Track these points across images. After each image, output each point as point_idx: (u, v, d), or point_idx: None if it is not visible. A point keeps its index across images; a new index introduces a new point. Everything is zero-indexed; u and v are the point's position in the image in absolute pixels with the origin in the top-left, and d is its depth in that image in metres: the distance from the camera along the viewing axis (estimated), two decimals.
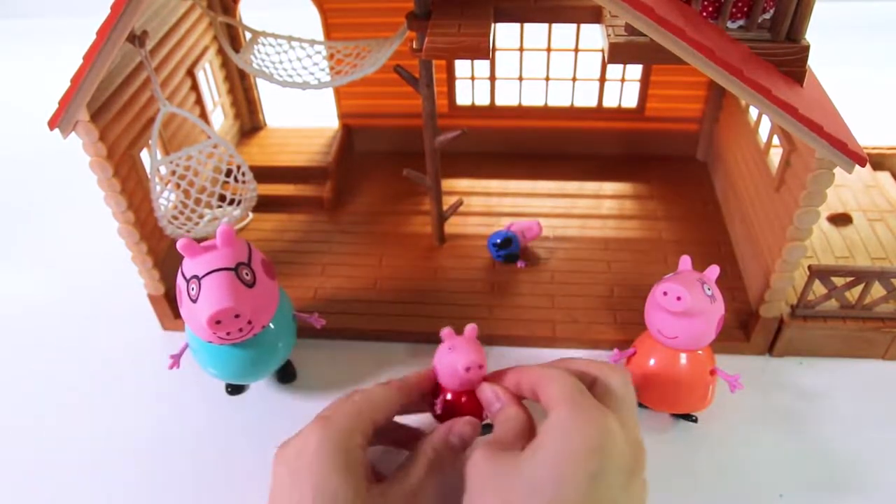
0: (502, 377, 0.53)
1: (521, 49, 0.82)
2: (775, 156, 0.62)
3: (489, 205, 0.83)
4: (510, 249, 0.74)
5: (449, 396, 0.54)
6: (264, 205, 0.80)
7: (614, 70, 0.80)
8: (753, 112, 0.73)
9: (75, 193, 0.87)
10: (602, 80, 0.83)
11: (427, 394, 0.55)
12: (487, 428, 0.52)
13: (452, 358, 0.52)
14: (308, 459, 0.46)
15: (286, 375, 0.65)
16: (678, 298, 0.51)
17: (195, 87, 0.77)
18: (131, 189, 0.63)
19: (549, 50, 0.82)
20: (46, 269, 0.81)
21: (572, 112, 0.87)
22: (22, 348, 0.71)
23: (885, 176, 0.80)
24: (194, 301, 0.52)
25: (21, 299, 0.77)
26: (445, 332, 0.54)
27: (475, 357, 0.51)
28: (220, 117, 0.86)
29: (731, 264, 0.73)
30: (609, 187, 0.85)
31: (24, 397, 0.66)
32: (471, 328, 0.54)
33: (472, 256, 0.76)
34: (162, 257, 0.68)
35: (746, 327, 0.66)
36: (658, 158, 0.88)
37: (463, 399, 0.53)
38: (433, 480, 0.48)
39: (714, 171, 0.85)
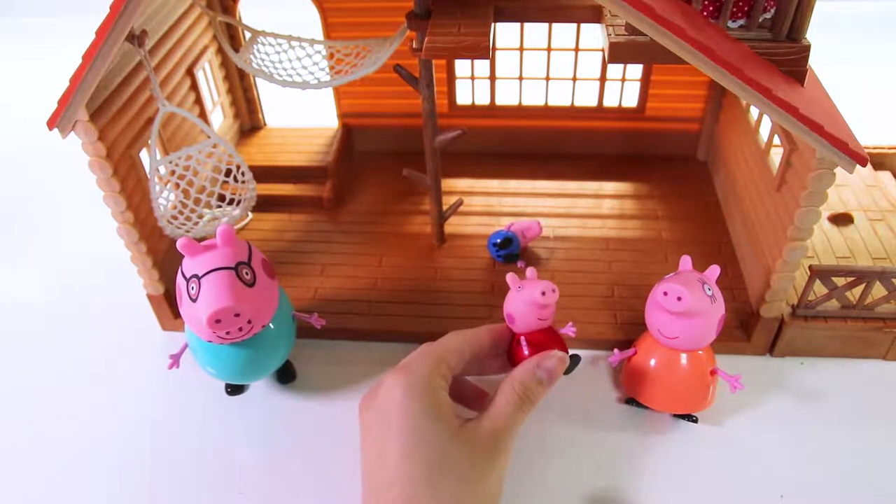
0: None
1: (521, 49, 0.82)
2: (776, 155, 0.61)
3: (489, 205, 0.83)
4: (510, 249, 0.73)
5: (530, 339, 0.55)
6: (264, 205, 0.80)
7: (615, 70, 0.80)
8: (754, 112, 0.72)
9: (74, 193, 0.86)
10: (602, 79, 0.83)
11: (499, 353, 0.57)
12: (576, 359, 0.55)
13: (526, 293, 0.53)
14: (396, 407, 0.48)
15: (286, 375, 0.65)
16: (678, 298, 0.51)
17: (194, 86, 0.77)
18: (130, 189, 0.63)
19: (549, 49, 0.82)
20: (45, 269, 0.81)
21: (572, 112, 0.86)
22: (20, 349, 0.71)
23: (886, 175, 0.80)
24: (194, 300, 0.52)
25: (20, 299, 0.77)
26: (510, 276, 0.56)
27: (547, 283, 0.53)
28: (219, 117, 0.86)
29: (732, 264, 0.73)
30: (609, 187, 0.85)
31: (22, 397, 0.66)
32: (531, 270, 0.56)
33: (472, 256, 0.76)
34: (161, 257, 0.68)
35: (747, 327, 0.66)
36: (658, 158, 0.88)
37: (545, 335, 0.55)
38: (522, 415, 0.50)
39: (715, 171, 0.85)
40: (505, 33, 0.79)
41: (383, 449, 0.48)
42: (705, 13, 0.52)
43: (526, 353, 0.55)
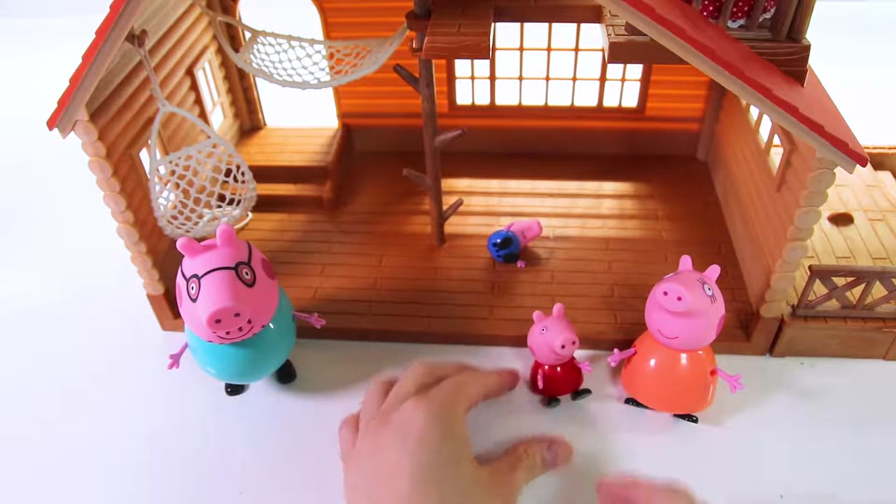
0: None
1: (521, 49, 0.82)
2: (776, 155, 0.61)
3: (489, 205, 0.83)
4: (510, 249, 0.73)
5: (549, 368, 0.60)
6: (264, 205, 0.80)
7: (615, 70, 0.80)
8: (754, 112, 0.72)
9: (74, 193, 0.86)
10: (602, 79, 0.83)
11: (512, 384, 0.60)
12: (578, 394, 0.62)
13: (547, 338, 0.58)
14: (418, 433, 0.48)
15: (286, 375, 0.65)
16: (678, 298, 0.51)
17: (194, 86, 0.77)
18: (130, 189, 0.63)
19: (549, 49, 0.82)
20: (45, 269, 0.81)
21: (572, 112, 0.86)
22: (19, 349, 0.71)
23: (886, 175, 0.80)
24: (194, 300, 0.52)
25: (20, 300, 0.77)
26: (536, 314, 0.60)
27: (568, 334, 0.57)
28: (219, 117, 0.86)
29: (732, 264, 0.73)
30: (609, 187, 0.85)
31: (21, 398, 0.66)
32: (558, 307, 0.59)
33: (472, 256, 0.76)
34: (161, 257, 0.68)
35: (747, 327, 0.66)
36: (658, 158, 0.88)
37: (559, 370, 0.60)
38: (526, 480, 0.52)
39: (715, 171, 0.85)
40: (505, 33, 0.79)
41: (391, 473, 0.47)
42: (705, 13, 0.52)
43: (540, 386, 0.60)
